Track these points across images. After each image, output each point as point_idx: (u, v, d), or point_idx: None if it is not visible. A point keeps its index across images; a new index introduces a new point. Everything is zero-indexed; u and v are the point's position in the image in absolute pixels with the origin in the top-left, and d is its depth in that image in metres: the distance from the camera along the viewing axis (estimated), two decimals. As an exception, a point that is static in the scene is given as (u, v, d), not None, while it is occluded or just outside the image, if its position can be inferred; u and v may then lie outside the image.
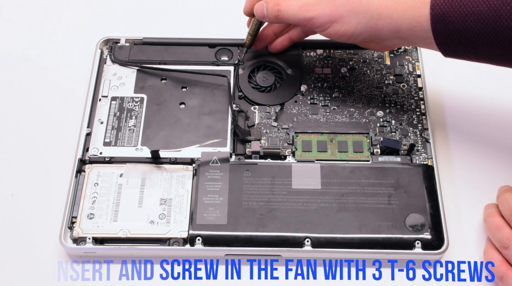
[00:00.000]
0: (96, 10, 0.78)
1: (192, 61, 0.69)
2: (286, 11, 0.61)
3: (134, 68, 0.69)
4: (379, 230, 0.58)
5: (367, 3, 0.58)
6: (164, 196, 0.60)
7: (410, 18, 0.57)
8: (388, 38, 0.60)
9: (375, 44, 0.62)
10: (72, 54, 0.73)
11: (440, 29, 0.55)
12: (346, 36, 0.60)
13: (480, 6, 0.54)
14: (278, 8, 0.61)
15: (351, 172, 0.61)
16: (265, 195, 0.60)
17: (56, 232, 0.59)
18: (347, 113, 0.66)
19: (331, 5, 0.59)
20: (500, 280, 0.56)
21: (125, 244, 0.58)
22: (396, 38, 0.59)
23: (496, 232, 0.57)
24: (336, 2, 0.59)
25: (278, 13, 0.61)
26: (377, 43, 0.62)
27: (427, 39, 0.57)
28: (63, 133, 0.67)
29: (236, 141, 0.64)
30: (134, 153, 0.63)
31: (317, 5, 0.59)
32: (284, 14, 0.61)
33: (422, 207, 0.59)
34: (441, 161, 0.64)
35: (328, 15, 0.59)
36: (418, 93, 0.67)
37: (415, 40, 0.59)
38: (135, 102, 0.66)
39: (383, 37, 0.59)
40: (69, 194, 0.60)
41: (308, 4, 0.60)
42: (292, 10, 0.61)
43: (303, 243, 0.58)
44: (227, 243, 0.58)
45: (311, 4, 0.60)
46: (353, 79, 0.68)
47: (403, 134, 0.64)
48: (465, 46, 0.56)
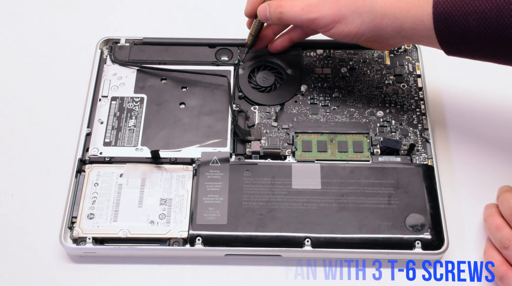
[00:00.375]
0: (96, 10, 0.78)
1: (192, 61, 0.69)
2: (289, 12, 0.61)
3: (134, 68, 0.69)
4: (379, 230, 0.58)
5: (371, 3, 0.58)
6: (164, 196, 0.60)
7: (413, 17, 0.57)
8: (392, 37, 0.60)
9: (378, 43, 0.62)
10: (72, 54, 0.73)
11: (443, 28, 0.55)
12: (350, 36, 0.60)
13: (483, 5, 0.54)
14: (281, 10, 0.61)
15: (351, 172, 0.61)
16: (265, 195, 0.60)
17: (56, 232, 0.59)
18: (347, 113, 0.66)
19: (334, 6, 0.59)
20: (500, 280, 0.56)
21: (125, 244, 0.58)
22: (399, 37, 0.59)
23: (496, 232, 0.57)
24: (339, 2, 0.59)
25: (281, 15, 0.61)
26: (380, 42, 0.62)
27: (430, 37, 0.57)
28: (63, 133, 0.67)
29: (236, 141, 0.64)
30: (134, 153, 0.63)
31: (320, 5, 0.59)
32: (287, 15, 0.61)
33: (422, 207, 0.59)
34: (441, 161, 0.64)
35: (331, 16, 0.59)
36: (418, 93, 0.67)
37: (418, 39, 0.59)
38: (135, 102, 0.66)
39: (387, 36, 0.59)
40: (69, 194, 0.60)
41: (311, 5, 0.60)
42: (295, 12, 0.60)
43: (303, 243, 0.58)
44: (227, 243, 0.58)
45: (314, 5, 0.60)
46: (353, 79, 0.68)
47: (403, 134, 0.64)
48: (467, 44, 0.56)
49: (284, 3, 0.61)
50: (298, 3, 0.60)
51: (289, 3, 0.61)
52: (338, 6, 0.59)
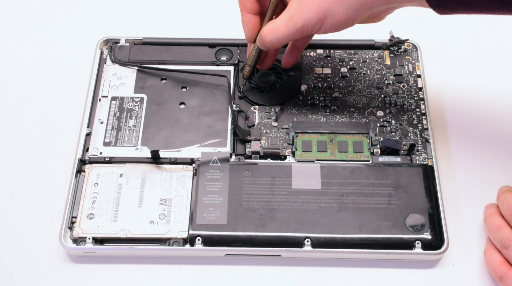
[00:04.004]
0: (96, 10, 0.78)
1: (192, 61, 0.69)
2: (276, 35, 0.59)
3: (134, 68, 0.69)
4: (379, 230, 0.58)
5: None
6: (164, 196, 0.60)
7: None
8: (382, 9, 0.58)
9: (374, 18, 0.60)
10: (72, 54, 0.73)
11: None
12: (342, 25, 0.58)
13: None
14: (266, 39, 0.60)
15: (351, 172, 0.61)
16: (265, 195, 0.60)
17: (56, 232, 0.59)
18: (347, 113, 0.66)
19: (313, 5, 0.57)
20: (500, 280, 0.56)
21: (125, 244, 0.58)
22: (390, 7, 0.58)
23: (496, 232, 0.57)
24: (316, 0, 0.57)
25: (270, 43, 0.60)
26: (375, 17, 0.60)
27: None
28: (63, 133, 0.67)
29: (236, 141, 0.64)
30: (134, 153, 0.63)
31: (300, 12, 0.58)
32: (277, 39, 0.59)
33: (422, 207, 0.59)
34: (441, 161, 0.64)
35: (315, 16, 0.57)
36: (418, 93, 0.67)
37: (409, 2, 0.56)
38: (135, 102, 0.66)
39: (376, 10, 0.57)
40: (69, 194, 0.60)
41: (292, 16, 0.58)
42: (282, 31, 0.59)
43: (303, 243, 0.58)
44: (227, 243, 0.58)
45: (295, 15, 0.58)
46: (353, 79, 0.68)
47: (403, 134, 0.64)
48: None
49: (267, 31, 0.59)
50: (280, 22, 0.59)
51: (270, 27, 0.59)
52: (317, 3, 0.57)
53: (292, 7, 0.58)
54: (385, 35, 0.71)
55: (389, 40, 0.70)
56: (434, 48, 0.73)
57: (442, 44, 0.74)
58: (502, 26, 0.75)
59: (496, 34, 0.75)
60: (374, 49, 0.71)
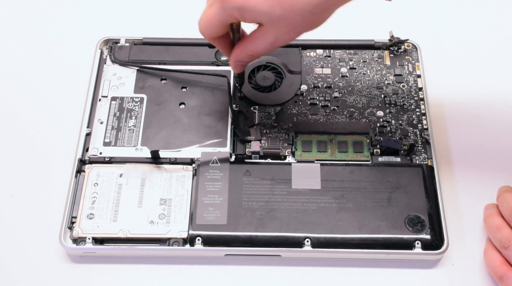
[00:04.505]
0: (96, 10, 0.78)
1: (192, 61, 0.69)
2: (260, 53, 0.57)
3: (134, 68, 0.69)
4: (379, 230, 0.58)
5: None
6: (164, 196, 0.60)
7: None
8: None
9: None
10: (72, 54, 0.73)
11: None
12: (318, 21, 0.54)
13: None
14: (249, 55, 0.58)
15: (351, 172, 0.61)
16: (265, 195, 0.60)
17: (56, 232, 0.59)
18: (347, 113, 0.66)
19: (286, 24, 0.53)
20: (500, 280, 0.56)
21: (125, 244, 0.58)
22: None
23: (496, 232, 0.57)
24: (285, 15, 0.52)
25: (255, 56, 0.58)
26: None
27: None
28: (63, 133, 0.67)
29: (236, 141, 0.64)
30: (134, 153, 0.63)
31: (273, 31, 0.54)
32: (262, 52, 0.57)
33: (422, 207, 0.59)
34: (441, 161, 0.64)
35: (285, 29, 0.53)
36: (418, 93, 0.67)
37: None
38: (135, 102, 0.66)
39: None
40: (69, 194, 0.60)
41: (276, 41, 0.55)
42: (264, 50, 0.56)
43: (303, 243, 0.58)
44: (227, 243, 0.58)
45: (277, 41, 0.55)
46: (353, 79, 0.68)
47: (403, 134, 0.64)
48: None
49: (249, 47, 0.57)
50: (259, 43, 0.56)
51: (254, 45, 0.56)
52: (282, 17, 0.52)
53: None
54: (385, 35, 0.71)
55: (389, 40, 0.70)
56: (434, 48, 0.73)
57: (442, 44, 0.74)
58: (502, 26, 0.75)
59: (496, 34, 0.75)
60: (374, 49, 0.71)
